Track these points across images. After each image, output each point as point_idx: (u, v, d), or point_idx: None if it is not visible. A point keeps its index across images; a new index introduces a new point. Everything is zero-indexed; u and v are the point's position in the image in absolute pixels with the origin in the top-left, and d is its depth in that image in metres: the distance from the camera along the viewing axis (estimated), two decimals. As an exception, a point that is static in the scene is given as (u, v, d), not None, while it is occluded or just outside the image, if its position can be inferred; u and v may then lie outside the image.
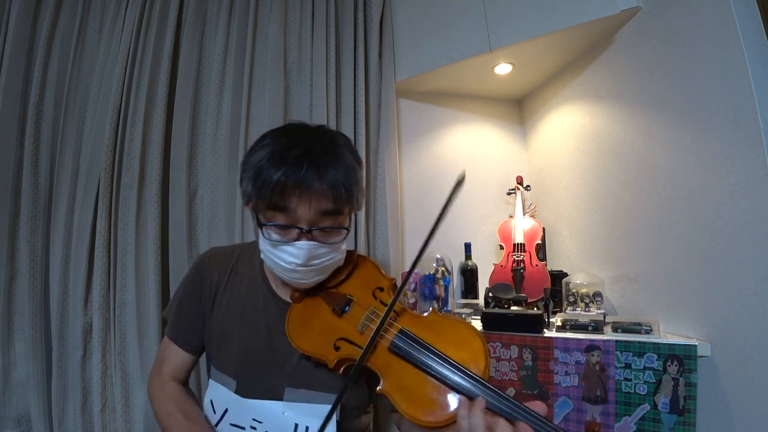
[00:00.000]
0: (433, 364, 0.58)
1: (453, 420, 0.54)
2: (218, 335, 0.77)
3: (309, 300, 0.73)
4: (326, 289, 0.74)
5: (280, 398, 0.70)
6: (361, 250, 1.43)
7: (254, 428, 0.69)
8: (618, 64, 1.29)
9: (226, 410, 0.72)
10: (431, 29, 1.53)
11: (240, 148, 1.40)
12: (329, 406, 0.63)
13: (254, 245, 0.81)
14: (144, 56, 1.36)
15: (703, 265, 1.01)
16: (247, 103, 1.42)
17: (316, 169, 0.62)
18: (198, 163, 1.42)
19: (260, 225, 0.67)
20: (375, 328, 0.62)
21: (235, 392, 0.72)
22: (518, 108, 1.84)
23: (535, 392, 1.12)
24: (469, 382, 0.55)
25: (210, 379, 0.77)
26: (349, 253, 0.77)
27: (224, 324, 0.77)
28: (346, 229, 0.69)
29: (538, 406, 0.52)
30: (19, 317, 1.24)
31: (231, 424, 0.71)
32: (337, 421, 0.68)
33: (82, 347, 1.24)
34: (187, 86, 1.41)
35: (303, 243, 0.65)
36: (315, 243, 0.65)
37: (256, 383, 0.72)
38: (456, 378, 0.56)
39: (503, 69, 1.54)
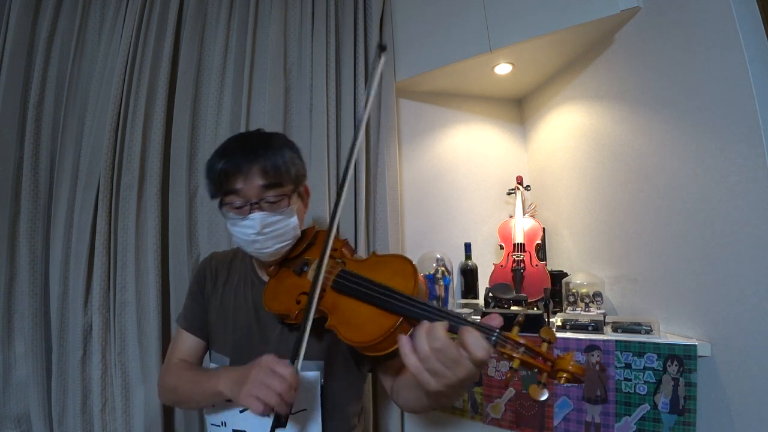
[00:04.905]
0: (366, 291, 0.68)
1: (383, 337, 0.62)
2: (215, 321, 0.91)
3: (280, 273, 0.87)
4: (291, 259, 0.87)
5: None
6: (361, 249, 1.42)
7: None
8: (618, 64, 1.29)
9: None
10: (431, 29, 1.53)
11: (240, 148, 1.40)
12: (311, 372, 0.79)
13: None
14: (144, 56, 1.35)
15: (703, 265, 1.02)
16: (247, 103, 1.42)
17: (247, 154, 0.78)
18: (198, 163, 1.41)
19: (221, 208, 0.81)
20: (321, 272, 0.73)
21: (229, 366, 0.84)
22: (518, 108, 1.84)
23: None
24: (396, 297, 0.64)
25: (210, 363, 0.90)
26: (310, 229, 0.91)
27: (220, 311, 0.91)
28: (288, 196, 0.82)
29: (493, 319, 0.56)
30: (19, 317, 1.24)
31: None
32: (321, 385, 0.80)
33: (82, 347, 1.24)
34: (187, 86, 1.41)
35: (255, 214, 0.78)
36: (264, 213, 0.78)
37: (247, 354, 0.81)
38: (384, 297, 0.65)
39: (503, 69, 1.54)
